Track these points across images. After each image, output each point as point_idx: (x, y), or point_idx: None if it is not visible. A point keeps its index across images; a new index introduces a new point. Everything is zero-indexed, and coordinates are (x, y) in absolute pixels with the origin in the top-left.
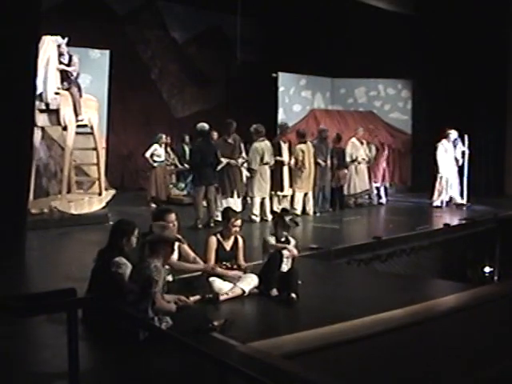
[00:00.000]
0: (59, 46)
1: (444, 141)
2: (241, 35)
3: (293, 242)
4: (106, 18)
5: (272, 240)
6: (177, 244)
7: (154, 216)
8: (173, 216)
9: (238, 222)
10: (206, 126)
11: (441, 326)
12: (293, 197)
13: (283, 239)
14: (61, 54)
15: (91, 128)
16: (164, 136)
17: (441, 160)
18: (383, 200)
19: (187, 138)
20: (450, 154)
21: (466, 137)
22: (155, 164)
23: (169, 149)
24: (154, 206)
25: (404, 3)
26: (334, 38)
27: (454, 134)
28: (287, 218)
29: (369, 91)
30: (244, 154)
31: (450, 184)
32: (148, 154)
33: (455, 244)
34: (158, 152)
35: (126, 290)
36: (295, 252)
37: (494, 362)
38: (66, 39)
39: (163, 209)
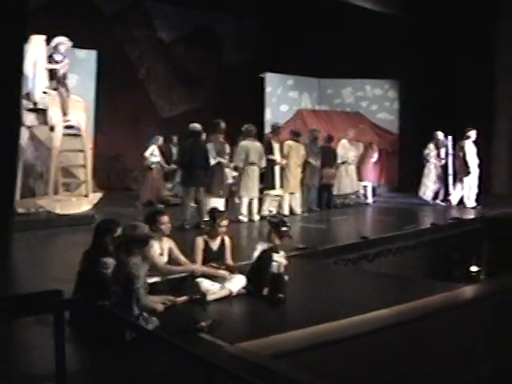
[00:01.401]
0: (57, 45)
1: (467, 141)
2: (229, 35)
3: (282, 252)
4: (94, 17)
5: (259, 248)
6: (167, 247)
7: (147, 218)
8: (166, 217)
9: (225, 223)
10: (198, 126)
11: (427, 325)
12: (282, 196)
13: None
14: (54, 53)
15: (79, 129)
16: (161, 138)
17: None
18: (370, 200)
19: (175, 139)
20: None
21: (450, 137)
22: (153, 165)
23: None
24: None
25: (391, 4)
26: (322, 38)
27: (440, 134)
28: (283, 229)
29: (356, 91)
30: (228, 152)
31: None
32: (147, 155)
33: (442, 243)
34: (155, 153)
35: (110, 293)
36: (284, 261)
37: (481, 361)
38: (66, 39)
39: (156, 210)
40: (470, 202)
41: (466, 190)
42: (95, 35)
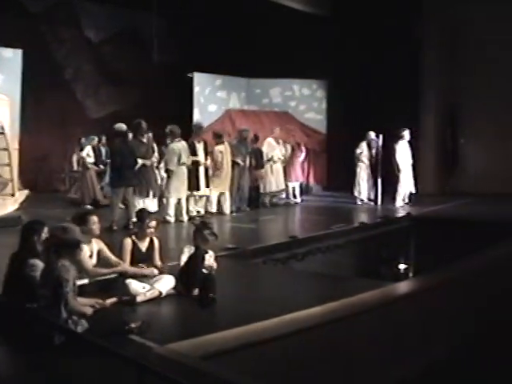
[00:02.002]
0: None
1: (400, 141)
2: (156, 35)
3: (211, 253)
4: (19, 15)
5: (187, 251)
6: (96, 249)
7: (76, 219)
8: (95, 217)
9: (153, 223)
10: (123, 126)
11: (357, 323)
12: (208, 196)
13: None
14: None
15: (2, 128)
16: (96, 138)
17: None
18: (299, 199)
19: (104, 139)
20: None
21: (380, 137)
22: (89, 166)
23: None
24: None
25: (321, 4)
26: (250, 38)
27: (372, 134)
28: (206, 232)
29: (284, 91)
30: (156, 154)
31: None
32: (84, 155)
33: (371, 242)
34: (90, 153)
35: (38, 296)
36: (213, 264)
37: (411, 356)
38: None
39: (84, 211)
40: (398, 201)
41: (401, 189)
42: (21, 34)
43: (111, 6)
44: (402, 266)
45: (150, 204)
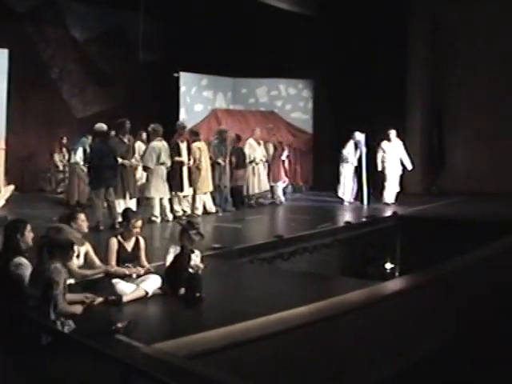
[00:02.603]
0: None
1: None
2: (142, 35)
3: (197, 253)
4: (5, 15)
5: (172, 251)
6: (84, 250)
7: (63, 218)
8: (83, 215)
9: (139, 223)
10: (104, 126)
11: (344, 322)
12: (194, 197)
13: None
14: None
15: None
16: (90, 137)
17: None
18: (284, 199)
19: (90, 139)
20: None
21: (363, 136)
22: (78, 168)
23: (64, 150)
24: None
25: (307, 4)
26: (236, 38)
27: (358, 135)
28: (192, 232)
29: (270, 91)
30: (137, 155)
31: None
32: (78, 159)
33: (357, 241)
34: (81, 155)
35: (27, 295)
36: (200, 264)
37: (396, 357)
38: None
39: (72, 211)
40: (387, 197)
41: (389, 188)
42: (6, 34)
43: (97, 5)
44: (388, 266)
45: (130, 205)
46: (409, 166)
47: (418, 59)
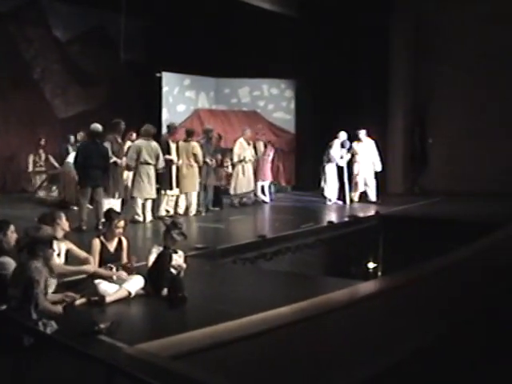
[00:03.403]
0: None
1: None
2: (124, 35)
3: (181, 253)
4: None
5: (155, 251)
6: (64, 247)
7: (42, 219)
8: (62, 214)
9: (122, 223)
10: (98, 126)
11: (327, 322)
12: (177, 197)
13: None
14: None
15: None
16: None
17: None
18: (267, 199)
19: (72, 139)
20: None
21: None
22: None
23: (41, 151)
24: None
25: (289, 4)
26: (219, 38)
27: (344, 134)
28: (175, 232)
29: (252, 91)
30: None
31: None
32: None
33: (340, 241)
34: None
35: (9, 296)
36: (183, 265)
37: (379, 356)
38: None
39: (51, 211)
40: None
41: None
42: None
43: (79, 5)
44: (370, 265)
45: (115, 204)
46: (377, 168)
47: (400, 59)
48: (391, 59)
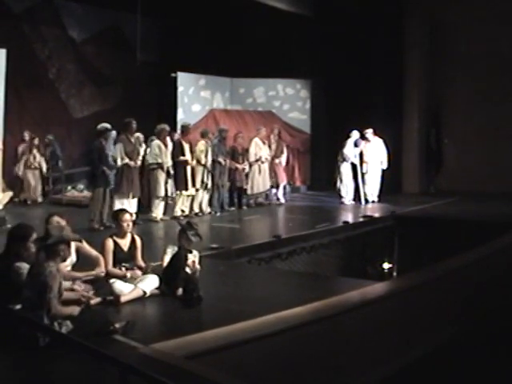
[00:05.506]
0: None
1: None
2: (140, 35)
3: (195, 253)
4: (2, 15)
5: (170, 251)
6: (74, 247)
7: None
8: (56, 217)
9: (126, 217)
10: (107, 125)
11: (342, 322)
12: (193, 197)
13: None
14: None
15: None
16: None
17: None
18: (282, 199)
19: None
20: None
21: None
22: None
23: (35, 150)
24: None
25: (305, 4)
26: (234, 37)
27: (357, 134)
28: (190, 233)
29: (268, 91)
30: (141, 157)
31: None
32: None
33: (355, 241)
34: None
35: (23, 297)
36: (197, 266)
37: (394, 357)
38: None
39: (49, 213)
40: (371, 196)
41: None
42: (4, 33)
43: (94, 5)
44: (386, 265)
45: (129, 204)
46: (384, 166)
47: (415, 59)
48: (405, 59)
